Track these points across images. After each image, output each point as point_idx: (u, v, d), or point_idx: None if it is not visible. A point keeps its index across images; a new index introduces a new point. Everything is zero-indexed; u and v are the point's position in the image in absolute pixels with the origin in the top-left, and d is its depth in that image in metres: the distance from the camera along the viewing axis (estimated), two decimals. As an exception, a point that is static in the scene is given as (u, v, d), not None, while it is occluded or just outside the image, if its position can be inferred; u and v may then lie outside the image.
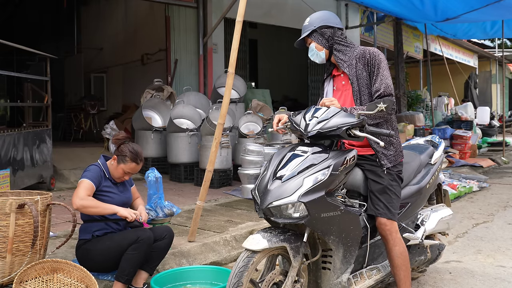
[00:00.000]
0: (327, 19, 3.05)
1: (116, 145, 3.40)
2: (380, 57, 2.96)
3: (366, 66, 2.96)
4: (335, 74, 3.15)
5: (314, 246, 2.82)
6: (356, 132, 2.68)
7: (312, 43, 3.07)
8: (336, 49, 3.05)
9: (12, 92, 15.64)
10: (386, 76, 2.93)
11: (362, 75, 2.96)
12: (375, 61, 2.94)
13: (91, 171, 3.29)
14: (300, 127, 2.78)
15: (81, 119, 12.10)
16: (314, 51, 3.07)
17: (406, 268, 2.95)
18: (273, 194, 2.61)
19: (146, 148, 8.03)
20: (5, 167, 5.47)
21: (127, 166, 3.33)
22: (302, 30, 3.11)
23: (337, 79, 3.13)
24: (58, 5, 13.57)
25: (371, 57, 2.95)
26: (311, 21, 3.07)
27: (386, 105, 2.64)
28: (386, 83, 2.90)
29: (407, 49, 14.99)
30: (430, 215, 3.50)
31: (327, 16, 3.08)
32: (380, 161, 2.95)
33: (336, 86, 3.14)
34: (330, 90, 3.18)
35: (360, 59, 2.98)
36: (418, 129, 11.77)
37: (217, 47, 9.94)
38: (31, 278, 2.91)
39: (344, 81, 3.07)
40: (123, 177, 3.39)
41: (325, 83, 3.23)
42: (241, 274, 2.52)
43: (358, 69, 2.97)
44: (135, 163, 3.35)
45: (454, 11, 9.79)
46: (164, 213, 3.92)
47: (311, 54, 3.10)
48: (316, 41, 3.05)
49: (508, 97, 25.61)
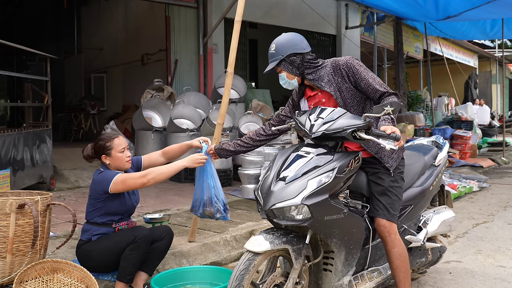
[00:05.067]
0: (294, 46, 2.89)
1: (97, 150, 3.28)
2: (353, 63, 2.88)
3: (346, 78, 2.88)
4: (310, 95, 3.04)
5: (316, 248, 2.81)
6: (361, 134, 2.64)
7: (282, 72, 2.95)
8: (308, 73, 2.94)
9: (12, 92, 15.65)
10: (372, 76, 2.87)
11: (343, 87, 2.89)
12: (352, 69, 2.86)
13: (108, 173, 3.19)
14: (305, 128, 2.75)
15: (81, 119, 12.11)
16: (286, 80, 2.96)
17: (405, 269, 2.93)
18: (276, 195, 2.59)
19: (146, 148, 8.02)
20: (5, 167, 5.47)
21: (117, 145, 3.24)
22: (269, 56, 2.94)
23: (313, 99, 3.03)
24: (58, 5, 13.56)
25: (347, 68, 2.87)
26: (278, 49, 2.91)
27: (393, 108, 2.58)
28: (378, 82, 2.85)
29: (407, 49, 14.99)
30: (432, 217, 3.47)
31: (293, 42, 2.91)
32: (385, 164, 2.93)
33: (313, 105, 3.01)
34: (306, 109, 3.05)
35: (335, 73, 2.89)
36: (418, 129, 11.77)
37: (217, 47, 9.94)
38: (31, 278, 2.91)
39: (325, 99, 2.97)
40: (126, 158, 3.27)
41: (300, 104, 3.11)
42: (242, 277, 2.50)
43: (338, 82, 2.89)
44: (115, 137, 3.26)
45: (455, 9, 9.78)
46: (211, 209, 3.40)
47: (283, 83, 2.98)
48: (287, 70, 2.93)
49: (508, 97, 25.63)
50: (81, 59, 13.51)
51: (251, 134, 3.33)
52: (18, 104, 13.12)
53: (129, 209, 3.36)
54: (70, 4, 13.34)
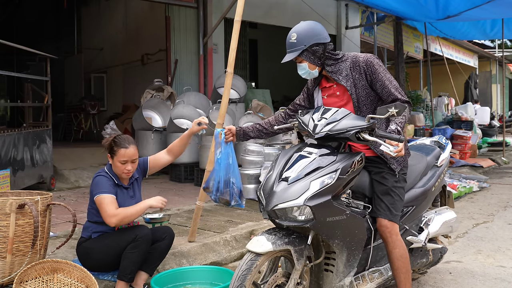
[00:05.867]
0: (316, 35, 2.84)
1: (106, 145, 3.32)
2: (373, 62, 2.85)
3: (363, 75, 2.86)
4: (326, 86, 3.02)
5: (318, 248, 2.80)
6: (365, 135, 2.62)
7: (303, 62, 2.90)
8: (328, 64, 2.91)
9: (12, 92, 15.66)
10: (389, 79, 2.85)
11: (359, 84, 2.87)
12: (371, 68, 2.84)
13: (101, 184, 3.19)
14: (308, 128, 2.73)
15: (81, 119, 12.11)
16: (306, 70, 2.92)
17: (406, 270, 2.92)
18: (278, 196, 2.58)
19: (146, 148, 8.03)
20: (5, 167, 5.47)
21: (119, 156, 3.23)
22: (289, 46, 2.87)
23: (327, 90, 3.01)
24: (58, 5, 13.57)
25: (366, 66, 2.85)
26: (300, 39, 2.83)
27: (397, 110, 2.55)
28: (394, 85, 2.84)
29: (407, 49, 14.98)
30: (434, 218, 3.46)
31: (316, 31, 2.85)
32: (390, 165, 2.92)
33: (327, 95, 3.01)
34: (320, 101, 3.06)
35: (354, 68, 2.87)
36: (418, 129, 11.78)
37: (217, 47, 9.94)
38: (31, 278, 2.91)
39: (339, 92, 2.95)
40: (125, 170, 3.26)
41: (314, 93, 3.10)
42: (244, 277, 2.49)
43: (355, 79, 2.87)
44: (124, 148, 3.23)
45: (456, 8, 9.77)
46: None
47: (303, 73, 2.93)
48: (309, 60, 2.88)
49: (508, 97, 25.62)
50: (81, 59, 13.52)
51: (270, 119, 3.31)
52: (18, 104, 13.13)
53: None
54: (70, 4, 13.34)
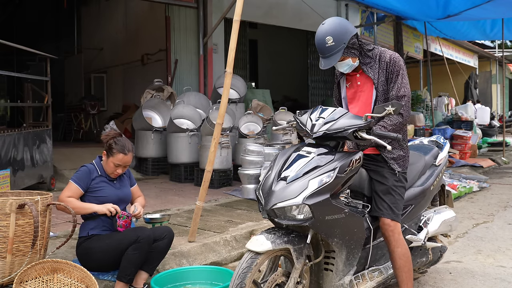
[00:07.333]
0: (348, 29, 2.85)
1: (105, 141, 3.43)
2: (401, 63, 2.90)
3: (384, 71, 2.90)
4: (350, 74, 3.05)
5: (317, 247, 2.81)
6: (363, 134, 2.65)
7: (346, 59, 2.91)
8: (362, 54, 2.96)
9: (12, 92, 15.65)
10: (403, 83, 2.88)
11: (380, 79, 2.92)
12: (394, 66, 2.88)
13: (79, 173, 3.36)
14: (306, 127, 2.75)
15: (81, 119, 12.11)
16: (350, 65, 2.94)
17: (408, 269, 2.93)
18: (277, 195, 2.59)
19: (146, 148, 8.03)
20: (5, 167, 5.47)
21: (115, 158, 3.36)
22: (327, 50, 2.82)
23: (351, 78, 3.05)
24: (58, 5, 13.56)
25: (391, 63, 2.89)
26: (337, 39, 2.80)
27: (394, 108, 2.58)
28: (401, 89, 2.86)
29: (407, 49, 14.98)
30: (433, 217, 3.47)
31: (346, 27, 2.85)
32: (391, 166, 2.93)
33: (349, 84, 3.07)
34: (344, 89, 3.11)
35: (379, 62, 2.92)
36: (418, 129, 11.78)
37: (217, 47, 9.94)
38: (31, 278, 2.91)
39: (360, 82, 3.00)
40: (115, 171, 3.40)
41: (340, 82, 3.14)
42: (244, 275, 2.51)
43: (378, 72, 2.92)
44: (123, 153, 3.36)
45: (456, 7, 9.76)
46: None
47: (346, 68, 2.95)
48: (351, 55, 2.89)
49: (508, 97, 25.62)
50: (81, 59, 13.51)
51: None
52: (18, 104, 13.12)
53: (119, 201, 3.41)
54: (70, 4, 13.34)
